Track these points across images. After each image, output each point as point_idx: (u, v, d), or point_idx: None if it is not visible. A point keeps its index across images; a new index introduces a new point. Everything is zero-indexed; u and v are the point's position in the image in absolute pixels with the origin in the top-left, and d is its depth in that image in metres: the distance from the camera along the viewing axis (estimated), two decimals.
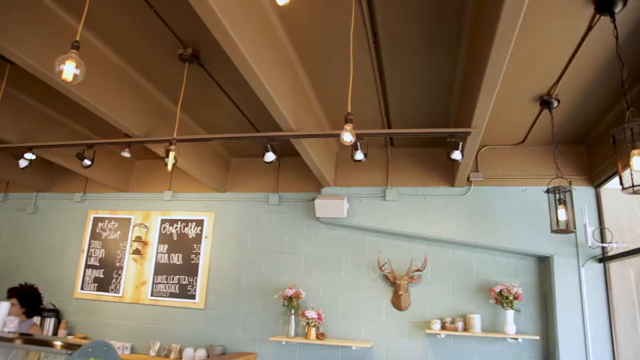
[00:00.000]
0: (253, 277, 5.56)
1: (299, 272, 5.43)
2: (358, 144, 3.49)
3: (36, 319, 4.66)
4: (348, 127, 2.69)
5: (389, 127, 4.73)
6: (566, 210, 4.01)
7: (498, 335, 4.61)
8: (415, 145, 5.39)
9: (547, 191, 4.13)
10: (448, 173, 5.21)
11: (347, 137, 2.72)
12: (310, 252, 5.47)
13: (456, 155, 3.65)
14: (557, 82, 3.69)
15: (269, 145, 3.91)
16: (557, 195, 4.08)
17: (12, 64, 4.01)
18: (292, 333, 5.11)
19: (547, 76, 3.67)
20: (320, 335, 5.00)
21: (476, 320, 4.69)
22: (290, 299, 5.09)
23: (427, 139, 5.16)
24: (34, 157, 4.70)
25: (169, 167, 3.64)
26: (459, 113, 4.09)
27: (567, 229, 3.99)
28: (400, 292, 5.00)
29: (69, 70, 2.64)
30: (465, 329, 4.73)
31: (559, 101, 3.98)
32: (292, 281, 5.34)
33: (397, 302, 5.07)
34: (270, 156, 3.94)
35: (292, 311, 5.15)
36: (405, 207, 5.21)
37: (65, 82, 2.88)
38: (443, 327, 4.79)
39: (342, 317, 5.19)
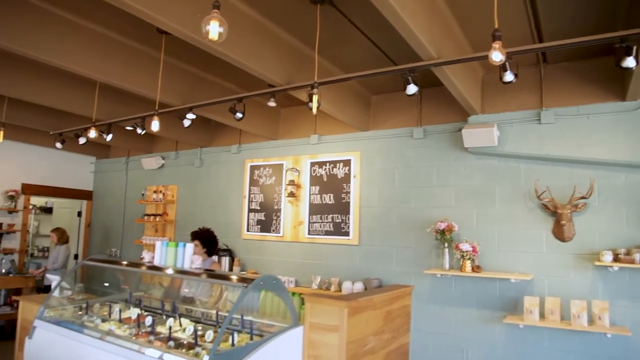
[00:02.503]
0: (403, 213, 5.60)
1: (450, 205, 5.31)
2: (507, 64, 3.19)
3: (215, 258, 5.30)
4: (497, 45, 2.46)
5: (541, 42, 4.24)
6: None
7: None
8: (573, 59, 4.77)
9: None
10: (617, 86, 4.54)
11: (497, 56, 2.49)
12: (461, 185, 5.30)
13: (629, 62, 3.13)
14: None
15: (409, 78, 3.78)
16: None
17: (166, 34, 4.42)
18: (447, 266, 5.10)
19: None
20: (475, 268, 4.91)
21: None
22: (442, 232, 5.04)
23: (586, 50, 4.51)
24: (194, 116, 5.21)
25: (314, 110, 3.74)
26: (632, 10, 3.48)
27: None
28: (563, 222, 4.63)
29: (214, 29, 2.81)
30: None
31: None
32: (443, 215, 5.26)
33: (559, 233, 4.72)
34: (412, 88, 3.82)
35: (445, 244, 5.11)
36: (564, 129, 4.71)
37: (212, 42, 3.09)
38: (616, 259, 4.34)
39: (498, 250, 5.01)
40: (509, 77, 3.33)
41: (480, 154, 5.18)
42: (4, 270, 7.86)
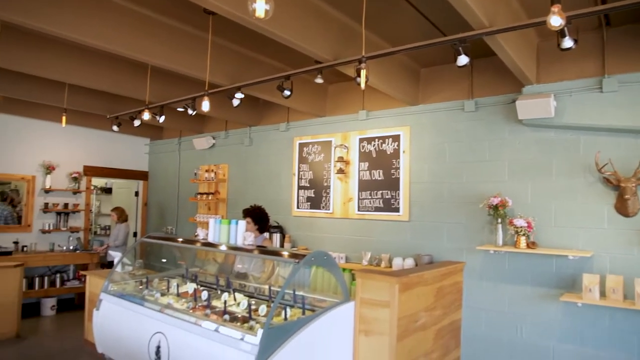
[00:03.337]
0: (455, 188, 5.49)
1: (504, 180, 5.15)
2: (566, 29, 3.01)
3: (266, 235, 5.40)
4: (555, 8, 2.31)
5: (604, 3, 3.98)
6: None
7: None
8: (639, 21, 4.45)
9: None
10: None
11: (555, 20, 2.35)
12: (515, 158, 5.12)
13: None
14: None
15: (460, 48, 3.64)
16: None
17: (213, 14, 4.46)
18: (500, 242, 4.98)
19: None
20: (531, 244, 4.76)
21: None
22: (495, 207, 4.91)
23: None
24: (242, 95, 5.27)
25: (362, 85, 3.69)
26: None
27: None
28: (627, 196, 4.39)
29: (260, 7, 2.81)
30: None
31: None
32: (496, 189, 5.11)
33: (622, 208, 4.48)
34: (463, 59, 3.68)
35: (499, 220, 4.97)
36: (629, 97, 4.42)
37: (259, 20, 3.09)
38: None
39: (555, 226, 4.83)
40: (567, 43, 3.15)
41: (535, 126, 4.97)
42: (72, 247, 8.37)
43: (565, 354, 4.69)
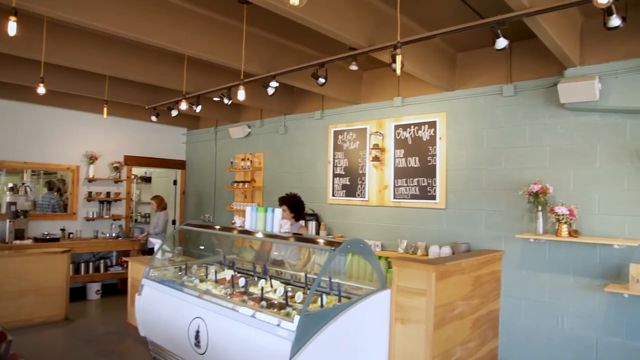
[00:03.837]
0: (493, 175, 5.36)
1: (544, 166, 5.00)
2: (613, 6, 2.87)
3: (302, 222, 5.44)
4: None
5: None
6: None
7: None
8: None
9: None
10: None
11: None
12: (556, 144, 4.95)
13: None
14: None
15: (498, 31, 3.54)
16: None
17: (247, 3, 4.47)
18: (541, 230, 4.84)
19: None
20: (573, 233, 4.61)
21: None
22: (536, 194, 4.77)
23: None
24: (277, 84, 5.28)
25: (397, 71, 3.63)
26: None
27: None
28: None
29: None
30: None
31: None
32: (536, 176, 4.96)
33: None
34: (501, 42, 3.57)
35: (539, 208, 4.84)
36: None
37: (293, 8, 3.08)
38: None
39: (599, 213, 4.65)
40: (615, 21, 3.01)
41: (578, 110, 4.79)
42: (114, 234, 8.66)
43: (610, 347, 4.54)
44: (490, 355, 4.87)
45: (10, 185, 7.62)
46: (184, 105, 6.07)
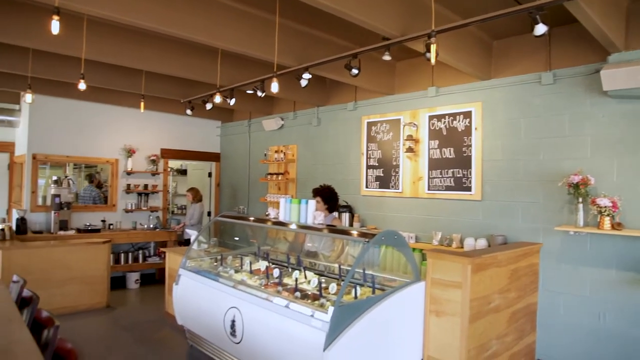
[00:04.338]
0: (531, 165, 5.23)
1: (585, 157, 4.83)
2: None
3: (336, 214, 5.44)
4: None
5: None
6: None
7: None
8: None
9: None
10: None
11: None
12: (598, 133, 4.77)
13: None
14: None
15: (537, 17, 3.43)
16: None
17: None
18: (581, 223, 4.69)
19: None
20: (616, 225, 4.45)
21: None
22: (576, 186, 4.62)
23: None
24: (310, 76, 5.28)
25: (432, 60, 3.57)
26: None
27: None
28: None
29: None
30: None
31: None
32: (577, 167, 4.81)
33: None
34: (540, 28, 3.45)
35: (580, 199, 4.69)
36: None
37: None
38: None
39: None
40: None
41: (623, 97, 4.59)
42: (152, 226, 8.89)
43: None
44: (528, 350, 4.77)
45: (55, 178, 7.92)
46: (218, 99, 6.15)
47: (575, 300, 4.84)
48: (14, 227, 7.25)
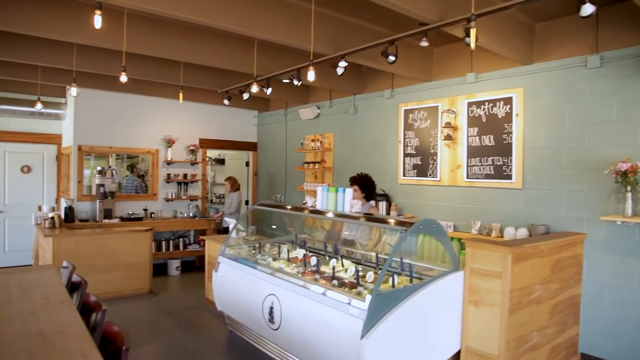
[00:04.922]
0: (575, 153, 5.04)
1: (635, 143, 4.62)
2: None
3: (373, 202, 5.42)
4: None
5: None
6: None
7: None
8: None
9: None
10: None
11: None
12: None
13: None
14: None
15: None
16: None
17: None
18: (630, 212, 4.50)
19: None
20: None
21: None
22: (624, 174, 4.44)
23: None
24: (346, 63, 5.24)
25: (472, 45, 3.49)
26: None
27: None
28: None
29: None
30: None
31: None
32: (625, 154, 4.60)
33: None
34: (587, 9, 3.31)
35: (628, 188, 4.49)
36: None
37: None
38: None
39: None
40: None
41: None
42: (191, 214, 9.10)
43: None
44: (570, 343, 4.65)
45: (99, 168, 8.20)
46: (254, 88, 6.19)
47: (622, 292, 4.67)
48: (62, 216, 7.57)
